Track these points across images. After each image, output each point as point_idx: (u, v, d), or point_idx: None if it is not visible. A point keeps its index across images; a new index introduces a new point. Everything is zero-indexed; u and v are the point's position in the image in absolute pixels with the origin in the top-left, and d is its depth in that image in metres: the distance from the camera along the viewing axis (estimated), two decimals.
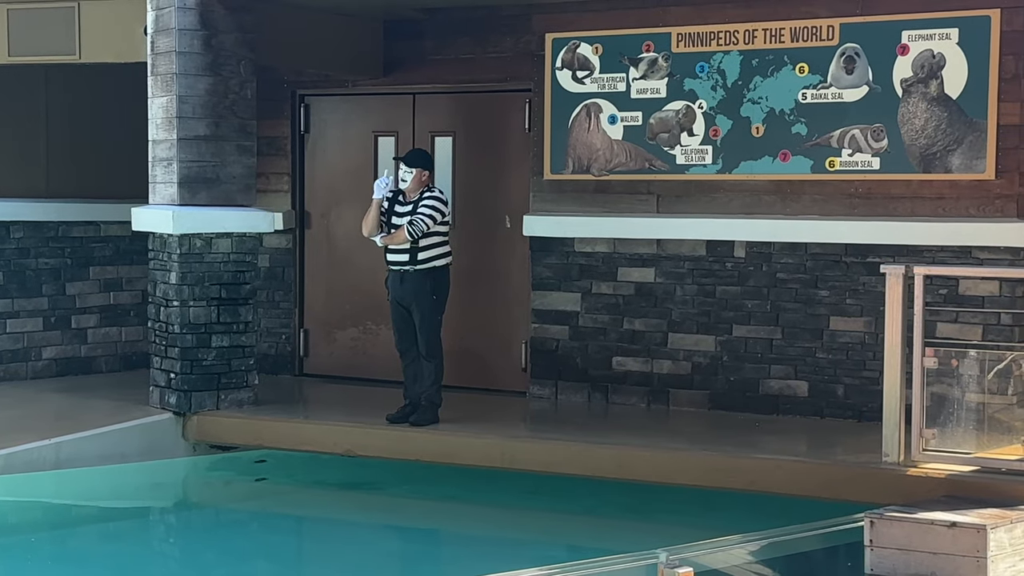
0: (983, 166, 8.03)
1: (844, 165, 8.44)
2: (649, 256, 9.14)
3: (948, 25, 8.06)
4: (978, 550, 6.05)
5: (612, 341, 9.23)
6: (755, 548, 6.62)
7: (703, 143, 8.83)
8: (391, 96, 10.22)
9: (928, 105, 8.16)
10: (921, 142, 8.21)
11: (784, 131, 8.58)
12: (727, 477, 7.52)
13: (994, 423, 7.09)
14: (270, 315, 10.58)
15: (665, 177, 8.99)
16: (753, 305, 8.82)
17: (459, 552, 7.38)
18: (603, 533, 7.60)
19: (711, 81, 8.80)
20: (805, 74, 8.51)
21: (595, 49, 9.15)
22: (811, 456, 7.78)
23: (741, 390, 8.83)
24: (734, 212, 8.78)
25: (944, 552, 6.11)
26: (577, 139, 9.23)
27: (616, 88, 9.10)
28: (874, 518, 6.36)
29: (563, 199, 9.32)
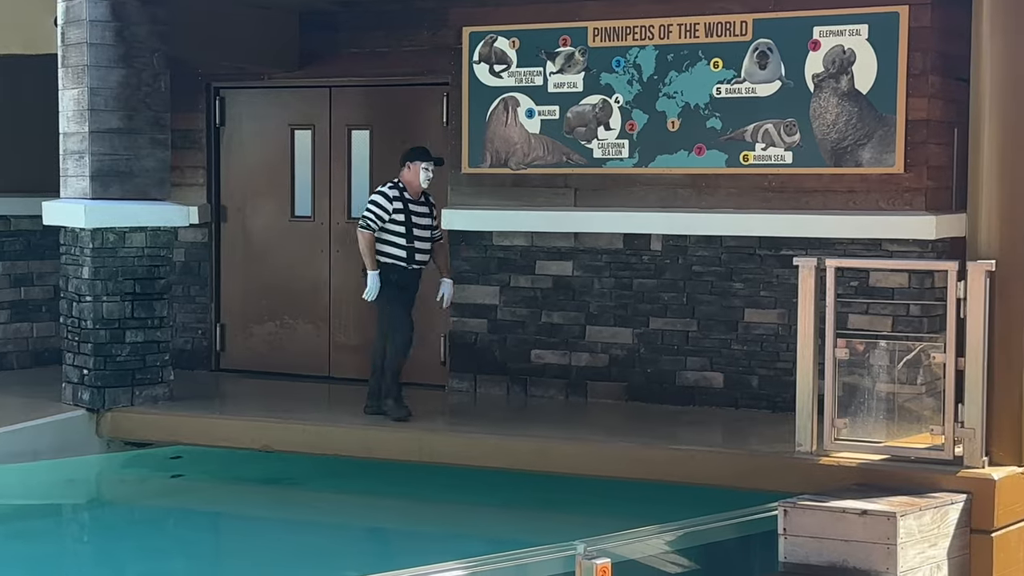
0: (892, 160, 8.16)
1: (758, 159, 8.53)
2: (567, 249, 9.16)
3: (858, 21, 8.18)
4: (888, 537, 6.15)
5: (530, 334, 9.25)
6: (672, 538, 6.69)
7: (620, 137, 8.88)
8: (307, 89, 10.14)
9: (839, 100, 8.28)
10: (832, 136, 8.32)
11: (699, 125, 8.65)
12: (644, 468, 7.56)
13: (904, 412, 7.21)
14: (186, 310, 10.45)
15: (582, 171, 9.02)
16: (669, 298, 8.89)
17: (378, 546, 7.36)
18: (522, 525, 7.61)
19: (627, 76, 8.84)
20: (719, 69, 8.59)
21: (512, 43, 9.15)
22: (726, 446, 7.87)
23: (658, 382, 8.89)
24: (650, 206, 8.84)
25: (855, 540, 6.21)
26: (495, 133, 9.22)
27: (533, 82, 9.10)
28: (787, 507, 6.44)
29: (481, 193, 9.32)
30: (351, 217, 10.08)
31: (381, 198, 8.30)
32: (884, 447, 7.02)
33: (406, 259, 8.34)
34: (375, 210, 8.27)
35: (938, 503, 6.42)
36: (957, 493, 6.56)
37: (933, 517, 6.37)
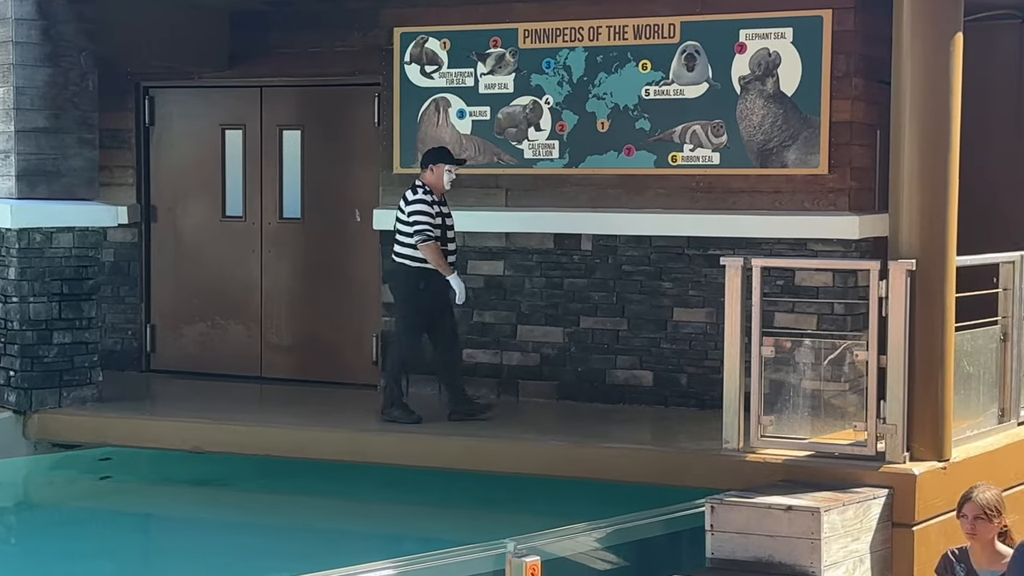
0: (817, 161, 8.29)
1: (686, 160, 8.63)
2: (498, 249, 9.21)
3: (783, 25, 8.30)
4: (812, 532, 6.25)
5: (462, 333, 9.25)
6: (601, 535, 6.75)
7: (550, 138, 8.94)
8: (238, 89, 10.08)
9: (765, 102, 8.40)
10: (759, 138, 8.44)
11: (628, 126, 8.73)
12: (575, 466, 7.62)
13: (828, 409, 7.33)
14: (115, 310, 10.35)
15: (513, 171, 9.07)
16: (600, 297, 8.96)
17: (309, 546, 7.34)
18: (454, 524, 7.63)
19: (557, 77, 8.90)
20: (648, 71, 8.68)
21: (443, 44, 9.18)
22: (655, 444, 7.94)
23: (588, 380, 8.96)
24: (581, 206, 8.91)
25: (781, 535, 6.31)
26: (426, 133, 9.24)
27: (464, 83, 9.14)
28: (714, 503, 6.52)
29: None
30: (283, 217, 10.05)
31: (423, 205, 8.11)
32: (809, 443, 7.13)
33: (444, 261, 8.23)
34: (426, 219, 8.09)
35: (861, 498, 6.54)
36: (879, 488, 6.68)
37: (856, 512, 6.49)
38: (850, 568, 6.44)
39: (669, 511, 6.87)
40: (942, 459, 6.92)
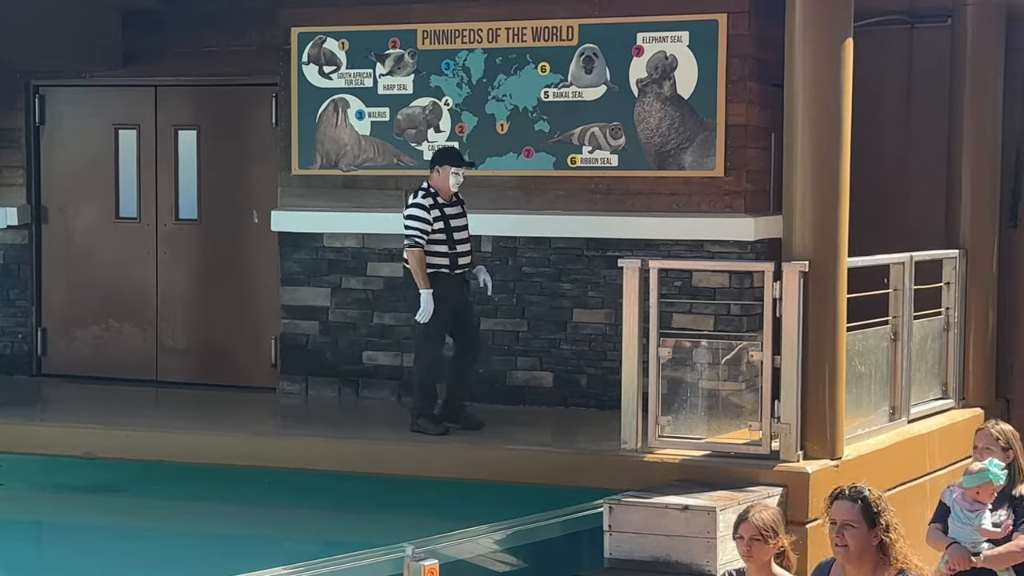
0: (713, 163, 8.39)
1: (585, 162, 8.67)
2: (398, 251, 9.13)
3: (679, 28, 8.38)
4: (708, 531, 6.32)
5: (362, 336, 9.22)
6: (500, 537, 6.74)
7: (450, 139, 8.91)
8: (132, 88, 9.91)
9: (662, 105, 8.47)
10: (656, 140, 8.51)
11: (528, 128, 8.75)
12: (476, 468, 7.61)
13: (725, 409, 7.42)
14: (5, 314, 10.11)
15: (413, 172, 9.03)
16: (500, 298, 8.95)
17: (206, 552, 7.23)
18: (354, 528, 7.58)
19: (456, 78, 8.89)
20: (547, 73, 8.70)
21: (341, 44, 9.11)
22: (555, 445, 7.98)
23: (489, 382, 8.95)
24: (481, 207, 8.86)
25: (677, 534, 6.37)
26: (325, 134, 9.17)
27: (363, 84, 9.08)
28: (612, 504, 6.57)
29: (312, 194, 9.25)
30: (179, 218, 9.91)
31: (419, 210, 7.77)
32: (706, 443, 7.21)
33: (449, 265, 7.86)
34: (418, 225, 7.76)
35: (756, 497, 6.61)
36: (774, 487, 6.78)
37: None
38: None
39: (568, 512, 6.88)
40: (835, 457, 7.04)
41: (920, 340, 8.25)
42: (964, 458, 8.42)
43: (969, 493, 5.87)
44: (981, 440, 6.08)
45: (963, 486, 5.89)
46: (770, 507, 5.25)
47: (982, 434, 6.11)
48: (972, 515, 5.85)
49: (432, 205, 7.82)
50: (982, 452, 6.01)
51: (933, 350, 8.51)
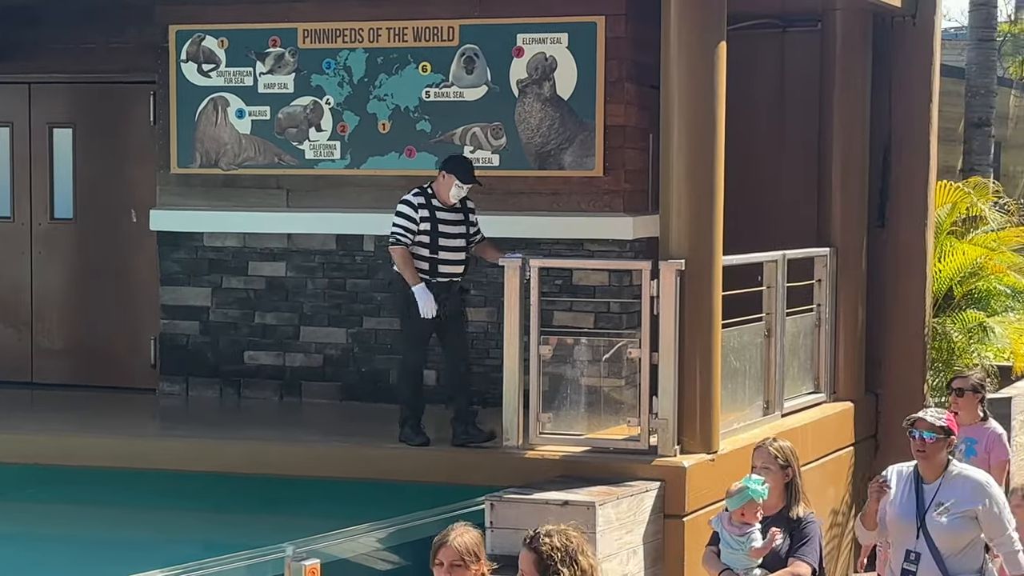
0: (593, 164, 8.47)
1: None
2: (280, 250, 9.09)
3: (558, 30, 8.45)
4: (588, 526, 6.37)
5: (243, 335, 9.12)
6: (382, 536, 6.73)
7: (331, 139, 8.87)
8: (5, 85, 9.67)
9: (542, 105, 8.53)
10: (537, 140, 8.56)
11: (409, 128, 8.74)
12: (359, 467, 7.58)
13: (605, 406, 7.51)
14: None
15: (294, 172, 8.97)
16: (383, 298, 8.92)
17: (80, 558, 7.09)
18: (236, 529, 7.49)
19: (338, 78, 8.85)
20: (428, 73, 8.70)
21: (221, 43, 9.00)
22: (438, 443, 7.97)
23: (372, 381, 8.93)
24: (363, 207, 8.87)
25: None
26: (204, 133, 9.06)
27: (243, 82, 8.99)
28: (494, 500, 6.60)
29: (191, 193, 9.13)
30: (54, 218, 9.69)
31: (406, 207, 7.39)
32: (586, 439, 7.29)
33: (428, 271, 7.40)
34: (402, 222, 7.37)
35: (634, 491, 6.72)
36: (652, 481, 6.87)
37: (630, 505, 6.66)
38: (624, 559, 6.60)
39: (449, 509, 6.88)
40: (711, 451, 7.17)
41: (793, 336, 8.43)
42: (834, 451, 8.68)
43: (735, 516, 5.62)
44: (759, 458, 5.76)
45: (728, 509, 5.66)
46: (471, 530, 4.75)
47: (760, 452, 5.78)
48: (742, 539, 5.60)
49: (422, 205, 7.40)
50: (760, 471, 5.71)
51: (805, 346, 8.71)
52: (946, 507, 5.57)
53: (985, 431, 7.34)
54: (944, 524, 5.57)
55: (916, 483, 5.67)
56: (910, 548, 5.63)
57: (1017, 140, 21.13)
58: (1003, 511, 5.64)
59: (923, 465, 5.66)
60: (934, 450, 5.61)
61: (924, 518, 5.59)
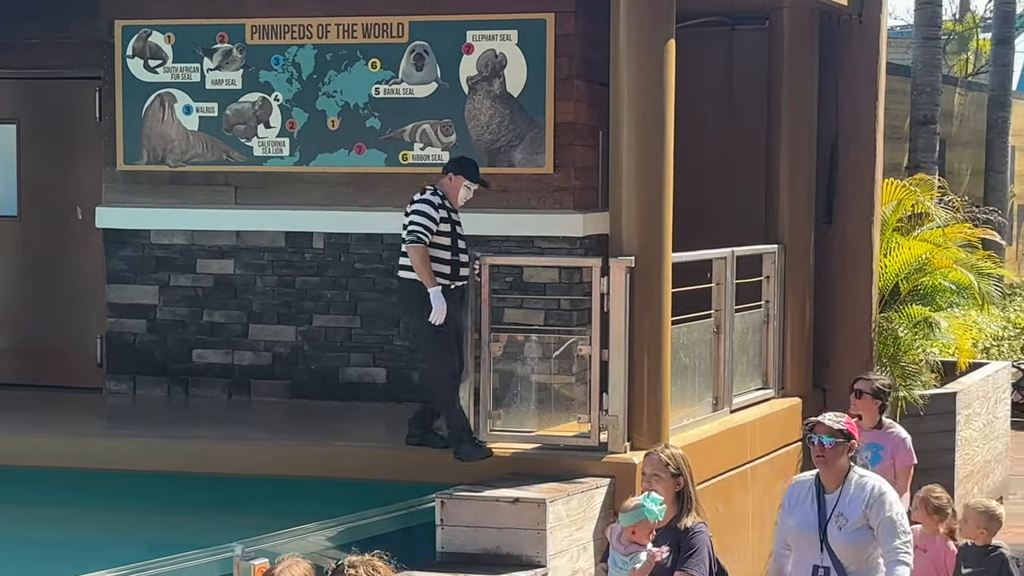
0: (543, 161, 8.46)
1: (416, 158, 8.66)
2: (228, 248, 9.01)
3: (508, 27, 8.43)
4: (538, 523, 6.38)
5: (192, 334, 9.04)
6: (332, 534, 6.68)
7: (280, 135, 8.80)
8: None
9: (492, 103, 8.51)
10: (487, 137, 8.54)
11: (359, 125, 8.69)
12: (309, 465, 7.53)
13: (555, 402, 7.51)
14: None
15: (243, 168, 8.89)
16: (332, 295, 8.89)
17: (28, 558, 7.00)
18: (184, 529, 7.40)
19: (286, 74, 8.78)
20: (377, 69, 8.66)
21: (167, 38, 8.90)
22: (389, 442, 7.93)
23: (322, 379, 8.88)
24: (312, 204, 8.81)
25: (508, 527, 6.41)
26: (151, 129, 8.96)
27: (190, 78, 8.90)
28: (444, 498, 6.58)
29: (138, 190, 9.03)
30: None
31: (427, 207, 7.04)
32: (537, 436, 7.28)
33: (450, 275, 7.08)
34: (424, 221, 6.99)
35: (584, 488, 6.72)
36: (602, 478, 6.88)
37: (580, 501, 6.66)
38: (574, 556, 6.60)
39: (400, 507, 6.86)
40: None
41: (741, 333, 8.48)
42: (783, 446, 8.73)
43: (626, 533, 5.26)
44: (649, 465, 5.45)
45: (621, 524, 5.30)
46: (300, 562, 4.36)
47: (650, 459, 5.48)
48: (628, 559, 5.24)
49: (441, 205, 7.11)
50: (650, 479, 5.40)
51: (754, 342, 8.75)
52: (845, 517, 5.29)
53: (890, 436, 7.22)
54: (843, 536, 5.27)
55: (818, 493, 5.36)
56: (816, 563, 5.30)
57: (962, 138, 21.38)
58: (897, 520, 5.28)
59: (824, 472, 5.35)
60: (834, 455, 5.29)
61: (826, 530, 5.29)
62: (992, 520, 6.05)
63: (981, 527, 6.05)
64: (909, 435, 7.30)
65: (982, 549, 6.05)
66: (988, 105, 20.48)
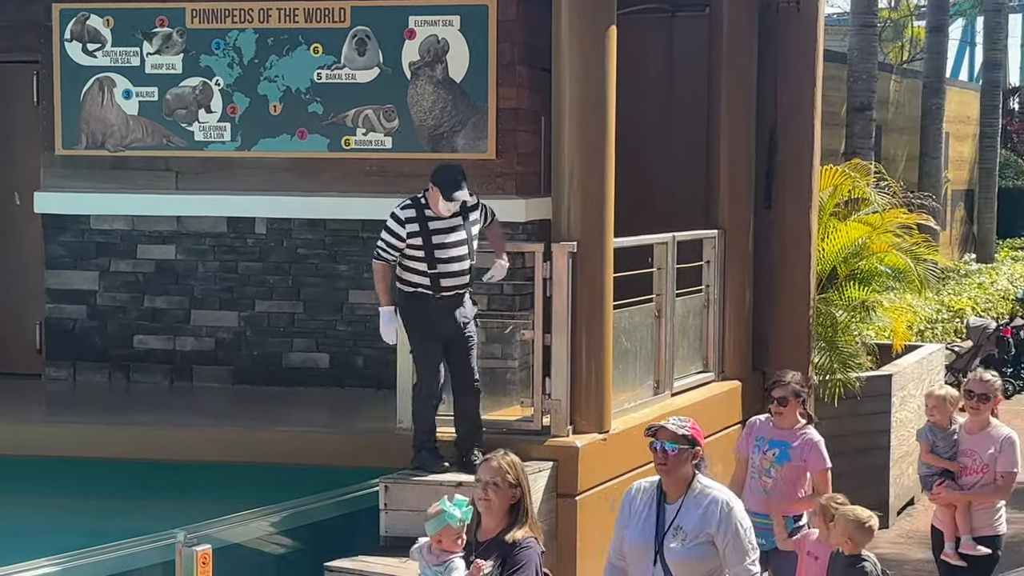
0: (485, 146, 8.45)
1: (359, 144, 8.61)
2: (169, 233, 8.92)
3: (450, 12, 8.40)
4: None
5: (133, 319, 8.95)
6: (276, 520, 6.66)
7: (221, 120, 8.72)
8: None
9: (435, 88, 8.48)
10: (429, 123, 8.52)
11: (301, 110, 8.63)
12: (252, 451, 7.49)
13: (498, 387, 7.52)
14: None
15: (184, 154, 8.80)
16: (275, 280, 8.84)
17: None
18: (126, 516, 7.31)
19: (227, 58, 8.69)
20: (320, 54, 8.60)
21: (106, 22, 8.78)
22: (332, 426, 7.92)
23: (264, 364, 8.83)
24: (254, 189, 8.75)
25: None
26: (90, 114, 8.84)
27: (130, 62, 8.79)
28: (388, 483, 6.57)
29: (77, 175, 8.92)
30: None
31: (393, 222, 6.68)
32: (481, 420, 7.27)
33: (431, 287, 6.68)
34: (386, 237, 6.68)
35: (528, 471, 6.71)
36: (545, 461, 6.90)
37: None
38: None
39: (343, 492, 6.85)
40: (603, 431, 7.22)
41: (682, 317, 8.53)
42: (722, 428, 8.80)
43: (433, 542, 4.93)
44: (486, 473, 5.03)
45: (428, 535, 4.96)
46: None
47: (488, 466, 5.06)
48: (439, 569, 4.89)
49: (411, 219, 6.67)
50: (485, 487, 5.00)
51: (694, 326, 8.81)
52: (684, 531, 4.89)
53: (801, 437, 6.51)
54: (679, 551, 4.87)
55: (658, 502, 4.96)
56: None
57: (897, 124, 21.63)
58: (744, 537, 4.89)
59: (666, 480, 4.96)
60: (676, 463, 4.90)
61: (662, 542, 4.89)
62: (859, 530, 5.61)
63: (847, 535, 5.60)
64: (822, 438, 6.56)
65: (848, 559, 5.61)
66: (923, 92, 20.73)
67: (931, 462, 6.83)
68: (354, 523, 6.89)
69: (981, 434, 6.74)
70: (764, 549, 5.99)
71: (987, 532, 6.73)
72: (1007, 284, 17.93)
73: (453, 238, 6.71)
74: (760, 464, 6.54)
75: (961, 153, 24.89)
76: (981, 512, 6.72)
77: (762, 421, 6.68)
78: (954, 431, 6.83)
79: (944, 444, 6.81)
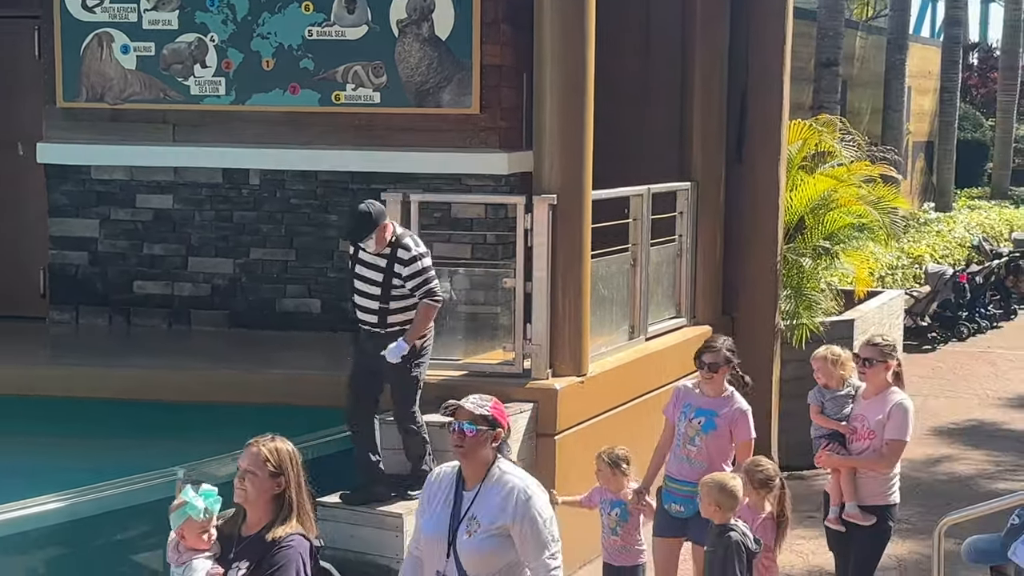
0: (469, 102, 8.39)
1: (349, 99, 8.54)
2: (167, 183, 8.86)
3: None
4: None
5: (132, 266, 8.91)
6: None
7: (216, 75, 8.63)
8: None
9: (421, 45, 8.40)
10: (416, 79, 8.44)
11: (293, 65, 8.54)
12: (248, 392, 7.48)
13: (481, 332, 7.52)
14: None
15: (180, 107, 8.72)
16: (268, 229, 8.79)
17: None
18: (127, 454, 7.31)
19: (222, 15, 8.58)
20: (311, 12, 8.50)
21: None
22: (324, 369, 7.91)
23: (259, 309, 8.81)
24: (248, 142, 8.67)
25: (439, 448, 6.42)
26: (90, 67, 8.73)
27: (127, 18, 8.67)
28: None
29: (78, 127, 8.83)
30: None
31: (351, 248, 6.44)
32: (464, 364, 7.30)
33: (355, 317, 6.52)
34: None
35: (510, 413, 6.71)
36: (526, 403, 6.93)
37: None
38: None
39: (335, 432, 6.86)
40: (580, 374, 7.24)
41: (656, 265, 8.53)
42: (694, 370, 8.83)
43: (177, 536, 4.17)
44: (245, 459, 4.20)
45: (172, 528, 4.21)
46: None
47: (248, 452, 4.21)
48: (179, 570, 4.12)
49: (351, 255, 6.48)
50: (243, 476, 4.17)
51: (668, 274, 8.82)
52: (478, 520, 4.26)
53: (728, 404, 6.05)
54: (472, 543, 4.25)
55: (456, 488, 4.32)
56: (439, 569, 4.31)
57: (862, 79, 21.57)
58: (543, 529, 4.25)
59: (464, 465, 4.32)
60: (475, 445, 4.27)
61: (456, 533, 4.28)
62: (723, 494, 5.24)
63: (714, 503, 5.25)
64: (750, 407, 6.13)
65: (717, 528, 5.26)
66: (887, 48, 20.67)
67: (820, 423, 6.13)
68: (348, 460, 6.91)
69: (875, 399, 6.02)
70: (683, 516, 5.94)
71: (877, 501, 5.98)
72: (964, 232, 18.00)
73: (369, 275, 6.32)
74: (685, 432, 6.04)
75: (922, 106, 24.86)
76: (870, 480, 5.98)
77: (688, 387, 6.17)
78: (848, 393, 6.15)
79: (833, 405, 6.13)
